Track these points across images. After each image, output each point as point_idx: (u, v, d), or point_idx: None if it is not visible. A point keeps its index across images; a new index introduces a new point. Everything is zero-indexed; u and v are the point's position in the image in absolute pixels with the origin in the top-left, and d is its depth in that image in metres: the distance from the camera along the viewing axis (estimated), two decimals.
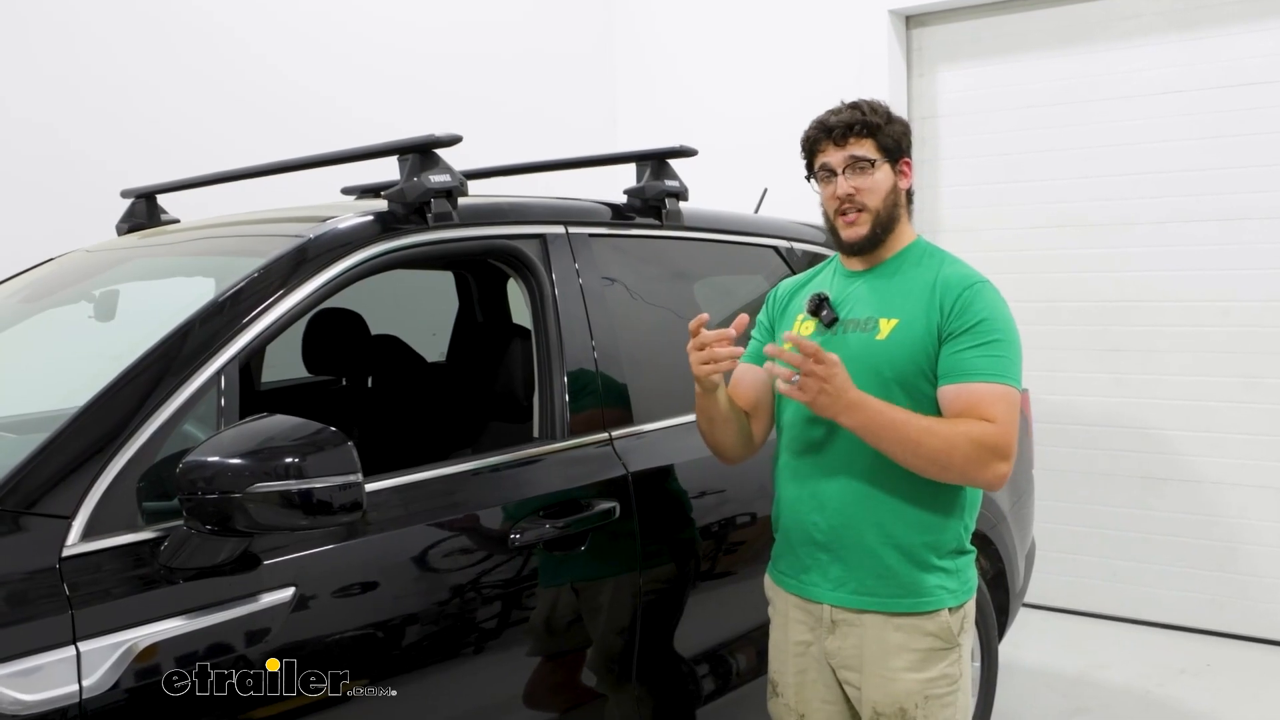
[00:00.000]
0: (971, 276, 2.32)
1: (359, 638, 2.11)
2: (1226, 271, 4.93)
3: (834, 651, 2.37)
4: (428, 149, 2.50)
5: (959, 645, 2.34)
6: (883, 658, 2.30)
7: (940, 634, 2.30)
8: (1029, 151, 5.38)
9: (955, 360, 2.23)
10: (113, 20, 4.22)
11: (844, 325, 2.37)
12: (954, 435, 2.17)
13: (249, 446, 1.81)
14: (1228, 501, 5.00)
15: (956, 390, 2.22)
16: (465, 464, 2.46)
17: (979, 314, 2.24)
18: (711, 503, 2.90)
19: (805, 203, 4.14)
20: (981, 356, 2.22)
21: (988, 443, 2.17)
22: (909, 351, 2.26)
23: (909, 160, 2.41)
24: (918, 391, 2.27)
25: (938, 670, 2.30)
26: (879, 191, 2.34)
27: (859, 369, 2.25)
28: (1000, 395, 2.20)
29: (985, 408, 2.19)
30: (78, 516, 1.83)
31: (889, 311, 2.32)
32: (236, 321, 2.12)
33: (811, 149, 2.40)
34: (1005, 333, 2.26)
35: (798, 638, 2.44)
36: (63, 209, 3.99)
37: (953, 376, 2.23)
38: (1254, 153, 4.83)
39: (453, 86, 5.48)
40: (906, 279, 2.35)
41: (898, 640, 2.29)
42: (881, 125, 2.34)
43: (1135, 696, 4.40)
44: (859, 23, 5.66)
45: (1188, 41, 4.97)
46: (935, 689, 2.30)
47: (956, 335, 2.24)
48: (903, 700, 2.28)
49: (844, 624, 2.34)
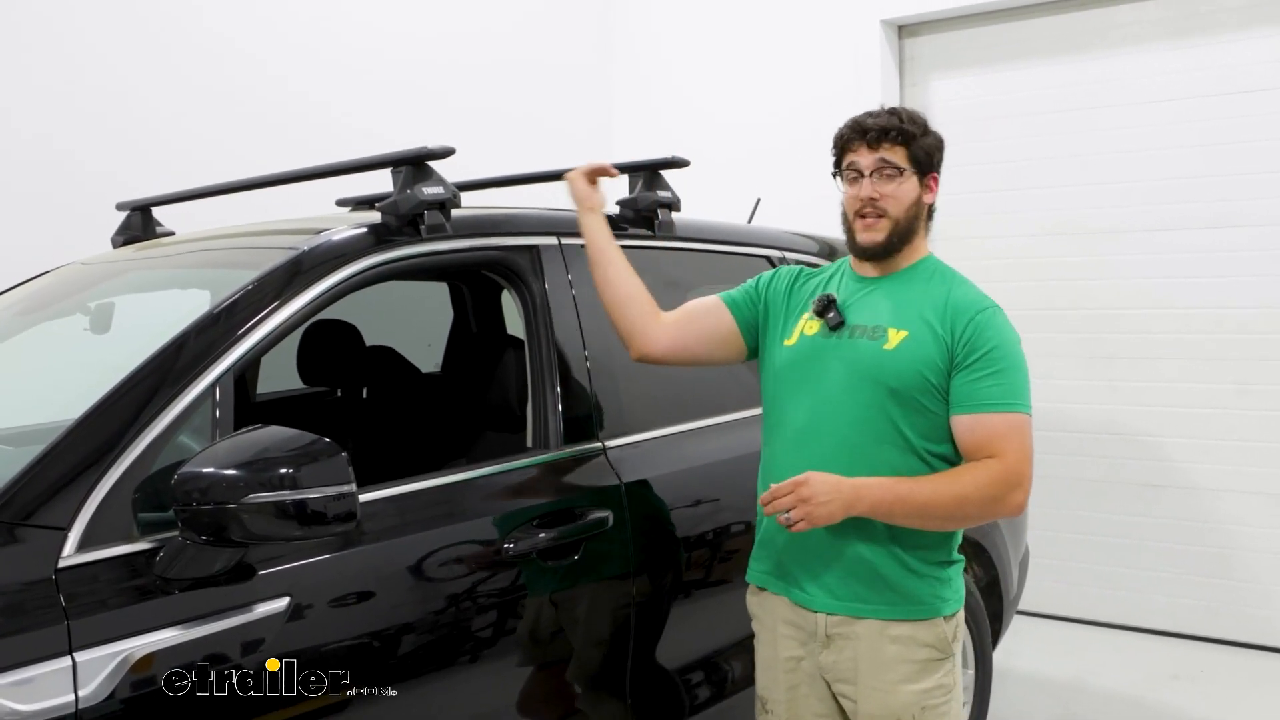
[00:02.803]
0: (982, 301, 2.33)
1: (354, 647, 2.12)
2: (1219, 279, 4.95)
3: (829, 666, 2.36)
4: (421, 161, 2.51)
5: (953, 654, 2.35)
6: (879, 670, 2.30)
7: (937, 644, 2.31)
8: (1023, 159, 5.41)
9: (969, 389, 2.25)
10: (110, 30, 4.23)
11: (850, 330, 2.36)
12: (962, 489, 2.20)
13: (244, 457, 1.83)
14: (1220, 508, 5.02)
15: (971, 422, 2.25)
16: (459, 474, 2.47)
17: (990, 341, 2.26)
18: (705, 512, 2.91)
19: (798, 213, 4.18)
20: (994, 385, 2.24)
21: (998, 482, 2.20)
22: (915, 366, 2.27)
23: (937, 176, 2.41)
24: (914, 404, 2.27)
25: (934, 680, 2.31)
26: (902, 201, 2.34)
27: (861, 376, 2.26)
28: (1013, 426, 2.24)
29: (999, 441, 2.22)
30: (74, 528, 1.84)
31: (898, 323, 2.32)
32: (231, 333, 2.13)
33: (843, 147, 2.40)
34: (1014, 359, 2.28)
35: (788, 653, 2.42)
36: (59, 220, 4.00)
37: (966, 406, 2.25)
38: (1248, 160, 4.85)
39: (448, 96, 5.50)
40: (917, 294, 2.36)
41: (894, 652, 2.29)
42: (917, 136, 2.34)
43: (1129, 703, 4.41)
44: (852, 33, 5.69)
45: (1181, 50, 5.00)
46: (931, 699, 2.31)
47: (969, 364, 2.26)
48: (900, 712, 2.29)
49: (839, 636, 2.34)
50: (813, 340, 2.40)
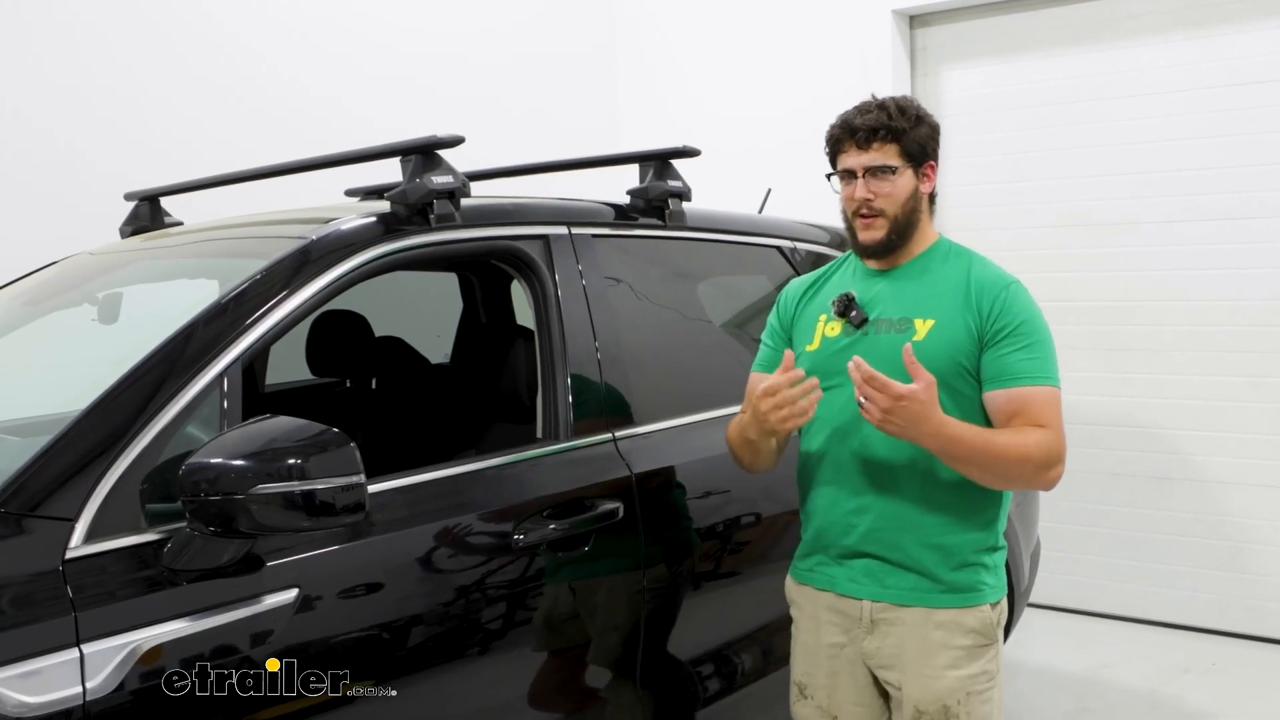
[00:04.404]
0: (1005, 277, 2.32)
1: (363, 639, 2.11)
2: (1232, 271, 4.91)
3: (872, 652, 2.35)
4: (430, 150, 2.50)
5: (997, 640, 2.35)
6: (925, 656, 2.29)
7: (982, 629, 2.31)
8: (1034, 151, 5.37)
9: (1001, 364, 2.24)
10: (115, 23, 4.22)
11: (875, 325, 2.34)
12: (1025, 449, 2.19)
13: (252, 448, 1.82)
14: (1233, 501, 4.99)
15: (1008, 395, 2.24)
16: (468, 465, 2.45)
17: (1019, 316, 2.26)
18: (716, 503, 2.89)
19: (809, 203, 4.15)
20: (1026, 359, 2.24)
21: (1052, 452, 2.21)
22: (948, 351, 2.26)
23: (934, 164, 2.38)
24: (956, 391, 2.26)
25: (979, 666, 2.30)
26: (898, 198, 2.32)
27: (895, 370, 2.21)
28: (1048, 398, 2.24)
29: (1036, 412, 2.22)
30: (81, 519, 1.83)
31: (923, 312, 2.31)
32: (240, 323, 2.12)
33: (835, 148, 2.38)
34: (1042, 332, 2.28)
35: (831, 639, 2.41)
36: (66, 212, 3.99)
37: (1000, 381, 2.25)
38: (1259, 151, 4.81)
39: (456, 89, 5.49)
40: (935, 278, 2.34)
41: (939, 638, 2.29)
42: (907, 130, 2.32)
43: (1140, 696, 4.39)
44: (862, 23, 5.65)
45: (1193, 40, 4.95)
46: (976, 685, 2.30)
47: (1000, 339, 2.25)
48: (945, 698, 2.28)
49: (884, 623, 2.33)
50: (837, 340, 2.38)
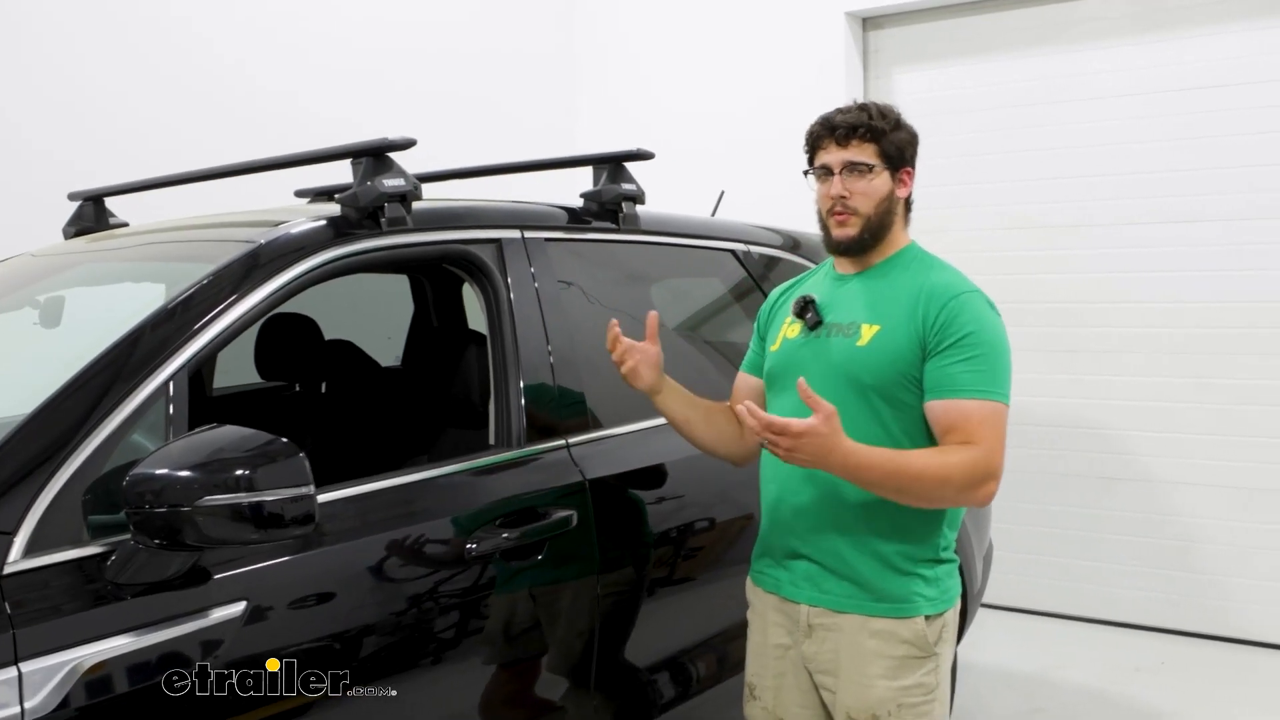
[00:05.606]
0: (958, 285, 2.30)
1: (313, 651, 2.07)
2: (1179, 273, 4.97)
3: (811, 656, 2.36)
4: (381, 152, 2.47)
5: (935, 655, 2.32)
6: (858, 663, 2.29)
7: (916, 641, 2.29)
8: (986, 153, 5.41)
9: (941, 375, 2.22)
10: (69, 14, 4.14)
11: (828, 329, 2.36)
12: (945, 470, 2.16)
13: (198, 458, 1.78)
14: (1181, 501, 5.05)
15: (944, 407, 2.21)
16: (420, 473, 2.42)
17: (965, 326, 2.22)
18: (670, 509, 2.88)
19: (762, 206, 4.16)
20: (968, 371, 2.20)
21: (978, 470, 2.17)
22: (889, 359, 2.25)
23: (911, 170, 2.39)
24: (897, 400, 2.25)
25: (913, 679, 2.29)
26: (873, 197, 2.32)
27: (837, 375, 2.24)
28: (987, 413, 2.19)
29: (973, 428, 2.18)
30: (20, 532, 1.79)
31: (873, 317, 2.31)
32: (187, 328, 2.08)
33: (814, 145, 2.38)
34: (993, 345, 2.24)
35: (777, 640, 2.43)
36: (18, 208, 3.91)
37: (938, 392, 2.22)
38: (1212, 155, 4.87)
39: (412, 84, 5.44)
40: (894, 284, 2.34)
41: (873, 646, 2.28)
42: (886, 132, 2.32)
43: (1092, 695, 4.44)
44: (816, 25, 5.66)
45: (1147, 45, 5.00)
46: (909, 697, 2.29)
47: (942, 349, 2.22)
48: (875, 707, 2.27)
49: (820, 628, 2.33)
50: (793, 342, 2.41)
